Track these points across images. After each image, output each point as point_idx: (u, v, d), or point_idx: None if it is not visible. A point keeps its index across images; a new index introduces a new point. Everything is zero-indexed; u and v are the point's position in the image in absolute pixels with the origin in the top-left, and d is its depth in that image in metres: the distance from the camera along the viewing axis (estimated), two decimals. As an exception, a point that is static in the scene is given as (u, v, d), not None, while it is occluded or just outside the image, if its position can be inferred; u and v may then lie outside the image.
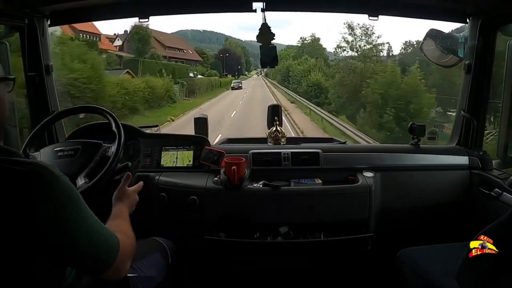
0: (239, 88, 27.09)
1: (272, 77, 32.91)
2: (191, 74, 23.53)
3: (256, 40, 1.47)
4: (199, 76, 25.03)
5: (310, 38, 27.13)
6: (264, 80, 35.17)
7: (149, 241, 1.18)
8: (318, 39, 26.70)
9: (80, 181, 1.10)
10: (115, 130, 1.21)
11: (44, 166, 0.64)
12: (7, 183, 0.60)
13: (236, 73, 36.53)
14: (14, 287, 0.63)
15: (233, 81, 29.02)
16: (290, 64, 24.76)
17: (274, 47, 1.48)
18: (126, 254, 0.74)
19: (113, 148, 1.18)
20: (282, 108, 2.03)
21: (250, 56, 43.81)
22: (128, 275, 0.93)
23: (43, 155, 1.20)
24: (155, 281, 1.05)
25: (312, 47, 25.85)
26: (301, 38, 29.86)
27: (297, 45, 28.19)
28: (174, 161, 1.53)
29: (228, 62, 34.95)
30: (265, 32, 1.45)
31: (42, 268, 0.65)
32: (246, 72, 41.54)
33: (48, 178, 0.63)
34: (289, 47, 31.30)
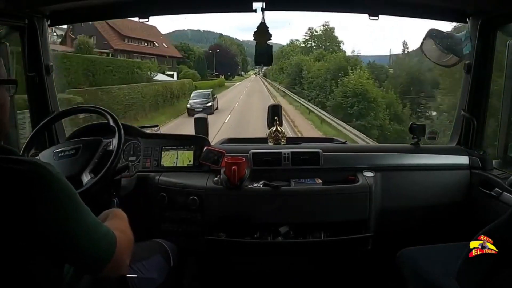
0: (207, 111, 10.85)
1: (272, 77, 28.53)
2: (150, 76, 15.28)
3: (253, 38, 1.47)
4: (167, 78, 16.80)
5: (321, 28, 20.84)
6: (263, 82, 29.77)
7: (150, 243, 1.18)
8: (332, 29, 20.55)
9: (86, 177, 1.10)
10: (113, 124, 1.21)
11: (44, 166, 0.64)
12: (7, 182, 0.60)
13: (229, 73, 30.48)
14: (14, 287, 0.63)
15: (193, 94, 14.95)
16: (302, 60, 17.63)
17: (270, 46, 1.49)
18: (123, 250, 0.74)
19: (114, 142, 1.17)
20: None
21: (247, 56, 40.18)
22: (128, 276, 0.93)
23: (43, 158, 1.18)
24: (156, 283, 1.05)
25: (325, 39, 20.24)
26: (309, 29, 22.55)
27: (304, 39, 22.66)
28: (174, 161, 1.53)
29: (220, 60, 28.34)
30: (263, 31, 1.46)
31: (42, 268, 0.65)
32: (243, 72, 37.80)
33: (48, 178, 0.63)
34: (293, 42, 25.42)
